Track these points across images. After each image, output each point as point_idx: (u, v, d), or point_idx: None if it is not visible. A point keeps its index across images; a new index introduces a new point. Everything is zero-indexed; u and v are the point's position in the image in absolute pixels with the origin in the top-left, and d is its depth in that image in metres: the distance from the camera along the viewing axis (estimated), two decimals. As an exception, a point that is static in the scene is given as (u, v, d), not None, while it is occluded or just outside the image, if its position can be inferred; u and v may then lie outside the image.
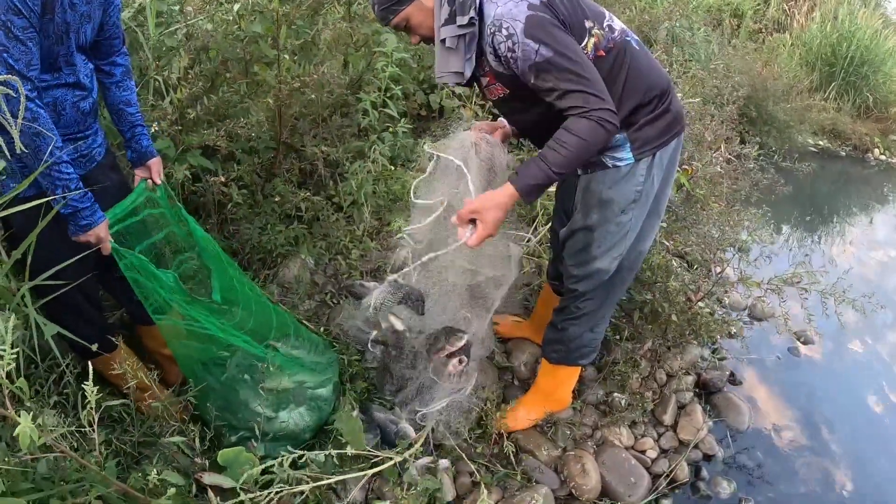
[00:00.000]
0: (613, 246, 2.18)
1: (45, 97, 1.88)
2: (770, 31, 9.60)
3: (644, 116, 2.04)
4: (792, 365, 3.59)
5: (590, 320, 2.36)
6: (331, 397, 2.47)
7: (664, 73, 2.13)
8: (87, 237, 1.97)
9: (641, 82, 2.03)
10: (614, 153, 2.06)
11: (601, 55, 1.96)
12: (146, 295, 2.11)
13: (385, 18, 2.03)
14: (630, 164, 2.06)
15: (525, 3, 1.86)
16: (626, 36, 2.04)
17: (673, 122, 2.09)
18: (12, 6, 1.67)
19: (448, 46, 1.98)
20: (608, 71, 1.97)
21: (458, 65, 1.99)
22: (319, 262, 3.24)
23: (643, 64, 2.05)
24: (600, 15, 2.01)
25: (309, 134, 3.25)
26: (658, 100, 2.05)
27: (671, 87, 2.13)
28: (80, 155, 2.10)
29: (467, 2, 1.90)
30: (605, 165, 2.08)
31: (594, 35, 1.95)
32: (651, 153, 2.06)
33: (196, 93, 2.72)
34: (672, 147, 2.11)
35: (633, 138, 2.04)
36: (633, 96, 2.02)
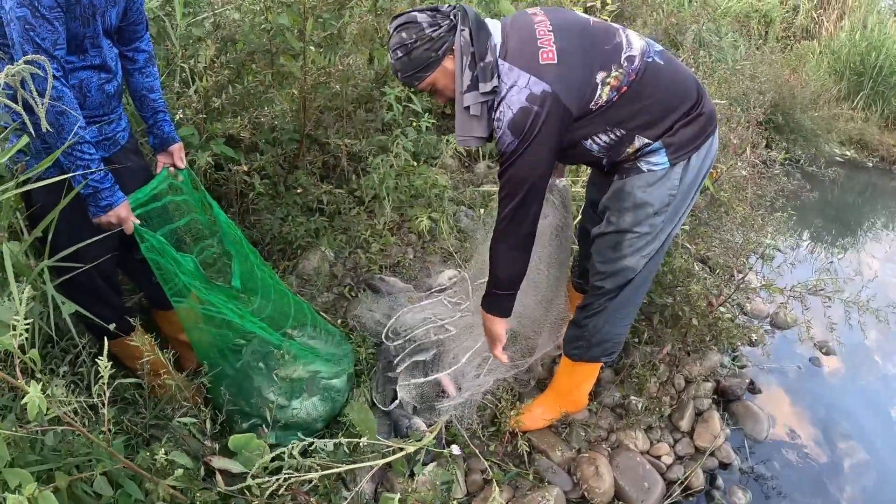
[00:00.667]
0: (644, 246, 2.18)
1: (70, 79, 1.90)
2: (798, 38, 9.50)
3: (677, 124, 2.03)
4: (813, 375, 3.53)
5: (613, 316, 2.34)
6: (345, 388, 2.47)
7: (691, 77, 2.11)
8: (108, 218, 1.99)
9: (672, 97, 2.03)
10: (649, 158, 2.06)
11: (624, 91, 1.97)
12: (166, 278, 2.12)
13: (411, 84, 2.04)
14: (665, 168, 2.05)
15: (525, 93, 1.89)
16: (646, 57, 2.01)
17: (706, 123, 2.08)
18: None
19: (473, 114, 1.99)
20: (635, 101, 1.99)
21: (482, 130, 2.02)
22: (339, 254, 3.24)
23: (672, 79, 2.04)
24: (616, 51, 1.98)
25: (333, 127, 3.25)
26: (691, 107, 2.05)
27: (700, 88, 2.11)
28: (105, 138, 2.12)
29: (488, 68, 1.93)
30: (641, 170, 2.08)
31: (609, 82, 1.96)
32: (686, 157, 2.06)
33: (221, 82, 2.73)
34: (705, 148, 2.10)
35: (667, 143, 2.03)
36: (666, 113, 2.02)
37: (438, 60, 1.96)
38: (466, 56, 1.94)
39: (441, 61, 1.96)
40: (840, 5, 10.23)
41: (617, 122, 2.01)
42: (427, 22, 1.94)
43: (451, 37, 1.96)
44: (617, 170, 2.14)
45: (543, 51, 1.91)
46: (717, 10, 7.39)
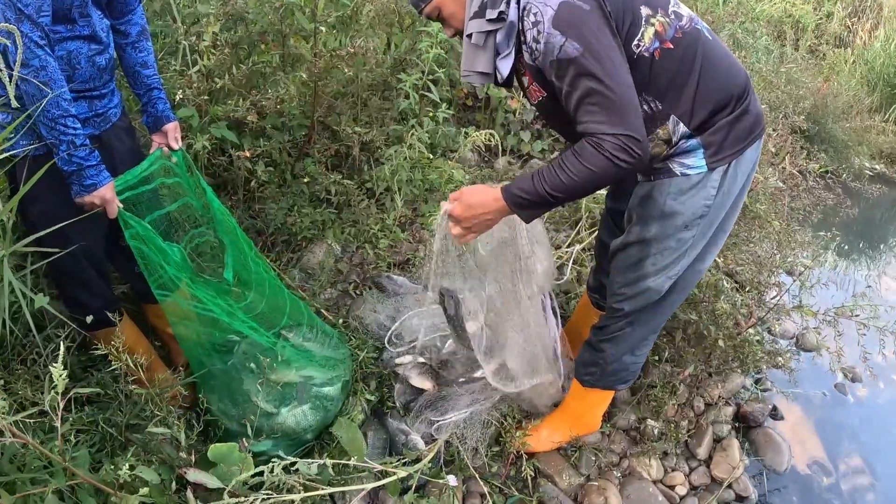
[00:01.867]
0: (669, 264, 1.94)
1: (58, 50, 1.80)
2: (831, 46, 9.31)
3: (721, 119, 1.78)
4: (838, 403, 3.33)
5: (631, 342, 2.14)
6: (338, 397, 2.31)
7: (742, 67, 1.86)
8: (92, 198, 1.87)
9: (719, 79, 1.77)
10: (684, 159, 1.80)
11: (668, 47, 1.71)
12: (150, 269, 1.98)
13: (417, 5, 1.84)
14: (702, 173, 1.80)
15: None
16: (695, 24, 1.77)
17: (754, 124, 1.83)
18: None
19: (474, 43, 1.76)
20: (678, 67, 1.72)
21: (486, 64, 1.78)
22: (346, 249, 3.08)
23: (719, 57, 1.78)
24: (664, 1, 1.75)
25: (346, 114, 3.08)
26: (737, 100, 1.79)
27: (750, 83, 1.85)
28: (95, 114, 2.00)
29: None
30: (673, 173, 1.82)
31: (654, 24, 1.69)
32: (727, 161, 1.80)
33: (225, 62, 2.56)
34: (749, 155, 1.85)
35: (707, 142, 1.78)
36: (709, 96, 1.76)
37: None
38: None
39: None
40: (875, 14, 10.03)
41: (654, 92, 1.73)
42: None
43: None
44: (644, 171, 1.88)
45: None
46: (752, 12, 7.18)
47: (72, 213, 1.89)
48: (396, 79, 3.18)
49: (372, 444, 2.26)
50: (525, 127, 3.92)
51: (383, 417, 2.39)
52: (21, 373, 1.98)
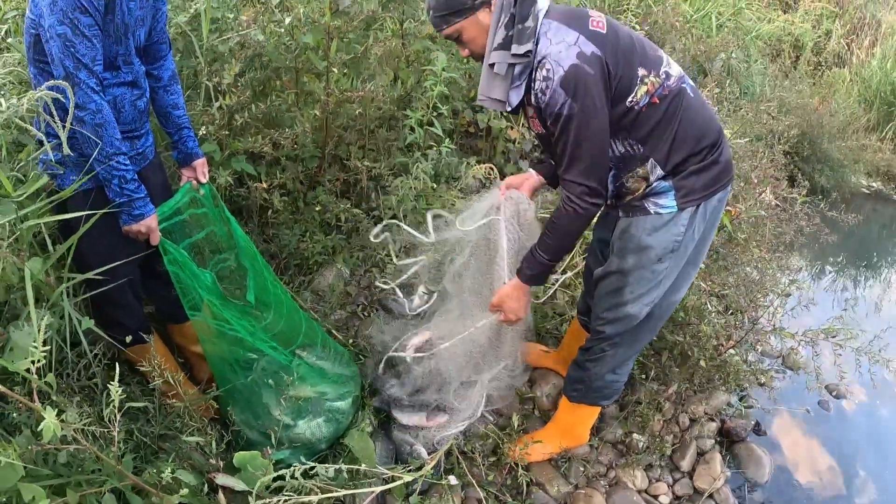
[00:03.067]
0: (646, 293, 2.17)
1: (105, 95, 1.96)
2: (829, 64, 9.40)
3: (692, 165, 2.03)
4: (821, 419, 3.50)
5: (613, 363, 2.36)
6: (349, 410, 2.51)
7: (716, 121, 2.12)
8: (139, 227, 2.07)
9: (694, 131, 2.02)
10: (658, 199, 2.06)
11: (654, 102, 1.97)
12: (184, 290, 2.19)
13: (438, 26, 2.01)
14: (672, 212, 2.05)
15: (576, 50, 1.86)
16: (682, 83, 2.03)
17: (721, 172, 2.08)
18: (79, 5, 1.78)
19: (496, 73, 1.98)
20: (660, 118, 1.99)
21: (502, 93, 2.00)
22: (354, 272, 3.27)
23: (697, 112, 2.04)
24: (657, 61, 2.00)
25: (355, 145, 3.29)
26: (708, 150, 2.04)
27: (722, 136, 2.11)
28: (137, 153, 2.20)
29: (526, 32, 1.90)
30: (648, 211, 2.07)
31: (647, 83, 1.95)
32: (695, 203, 2.05)
33: (244, 101, 2.78)
34: (717, 198, 2.10)
35: (678, 186, 2.03)
36: (683, 145, 2.01)
37: (473, 9, 1.94)
38: (506, 14, 1.92)
39: (476, 11, 1.95)
40: (873, 31, 10.09)
41: (637, 137, 2.00)
42: None
43: None
44: (623, 207, 2.13)
45: (593, 20, 1.92)
46: (749, 34, 7.32)
47: (116, 242, 2.10)
48: (403, 114, 3.39)
49: (379, 453, 2.46)
50: (524, 156, 4.13)
51: (389, 429, 2.59)
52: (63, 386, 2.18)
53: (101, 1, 1.83)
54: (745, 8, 7.94)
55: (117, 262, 2.10)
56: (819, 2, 10.42)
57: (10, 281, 1.79)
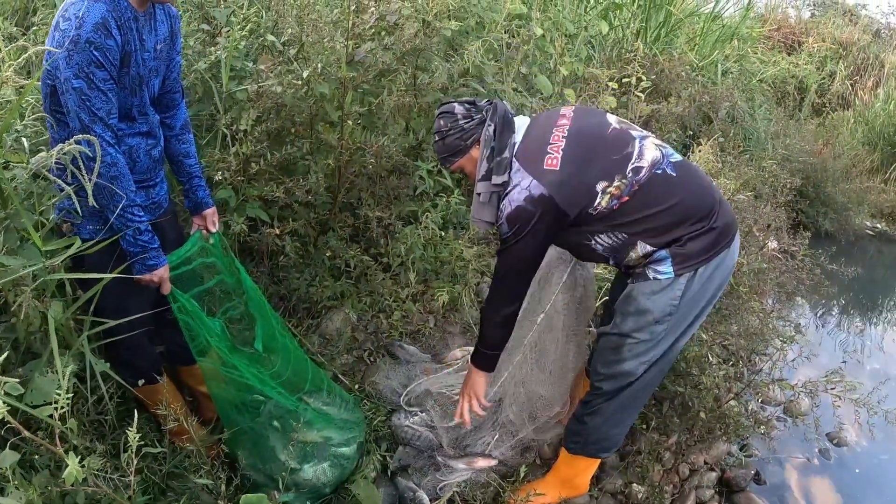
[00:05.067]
0: (643, 352, 2.24)
1: (121, 145, 2.02)
2: (833, 106, 9.47)
3: (687, 235, 2.12)
4: (822, 468, 3.50)
5: (610, 417, 2.40)
6: (354, 456, 2.55)
7: (709, 191, 2.20)
8: (151, 277, 2.12)
9: (682, 209, 2.12)
10: (657, 266, 2.15)
11: (625, 200, 2.10)
12: (193, 337, 2.25)
13: (444, 165, 2.34)
14: (670, 278, 2.13)
15: (525, 193, 2.08)
16: (656, 169, 2.12)
17: (718, 237, 2.15)
18: (94, 59, 1.82)
19: (482, 201, 2.21)
20: (638, 208, 2.12)
21: (491, 216, 2.24)
22: (362, 318, 3.33)
23: (682, 191, 2.13)
24: (623, 161, 2.11)
25: (366, 192, 3.37)
26: (702, 220, 2.12)
27: (717, 204, 2.17)
28: (152, 202, 2.25)
29: (503, 163, 2.15)
30: (647, 277, 2.16)
31: (611, 191, 2.09)
32: (692, 269, 2.13)
33: (261, 149, 2.86)
34: (716, 262, 2.16)
35: (674, 254, 2.12)
36: (670, 224, 2.12)
37: (466, 149, 2.24)
38: (487, 148, 2.17)
39: (469, 150, 2.24)
40: (876, 72, 10.17)
41: (618, 227, 2.14)
42: (462, 114, 2.22)
43: (480, 129, 2.19)
44: (630, 274, 2.24)
45: (549, 157, 2.09)
46: (754, 78, 7.42)
47: (131, 289, 2.14)
48: (414, 164, 3.48)
49: (382, 499, 2.49)
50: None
51: (394, 476, 2.63)
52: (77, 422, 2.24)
53: (117, 54, 1.87)
54: (749, 52, 8.04)
55: (131, 309, 2.14)
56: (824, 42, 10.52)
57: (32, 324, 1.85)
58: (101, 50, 1.82)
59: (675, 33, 6.74)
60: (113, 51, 1.86)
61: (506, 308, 2.30)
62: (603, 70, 4.57)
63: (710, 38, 7.28)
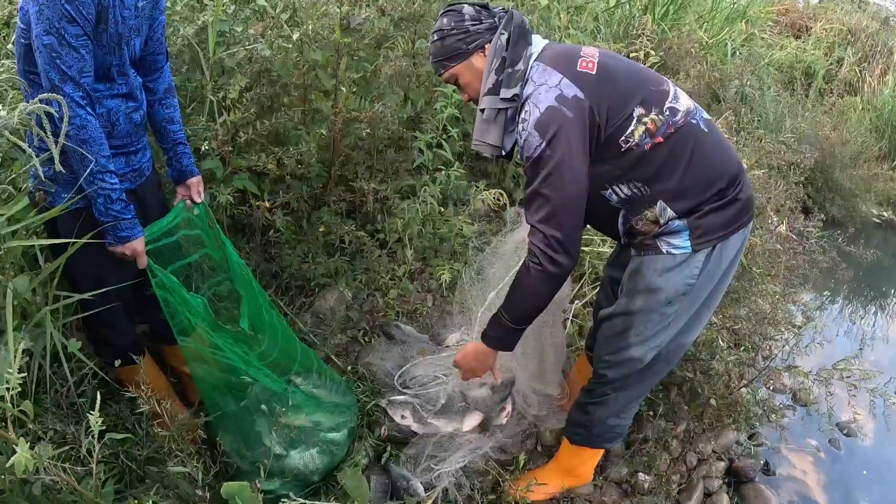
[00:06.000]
0: (652, 336, 2.04)
1: (98, 108, 1.91)
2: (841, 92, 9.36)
3: (709, 205, 1.91)
4: (832, 458, 3.40)
5: (616, 407, 2.24)
6: (344, 442, 2.42)
7: (735, 158, 1.99)
8: (124, 249, 1.99)
9: (708, 170, 1.90)
10: (671, 239, 1.93)
11: (658, 142, 1.86)
12: (173, 314, 2.11)
13: (437, 71, 2.06)
14: (686, 253, 1.92)
15: (555, 93, 1.80)
16: (691, 118, 1.91)
17: (741, 211, 1.95)
18: (66, 14, 1.71)
19: (486, 118, 1.96)
20: (667, 158, 1.87)
21: (496, 137, 1.97)
22: (357, 296, 3.19)
23: (711, 150, 1.92)
24: (661, 96, 1.89)
25: (362, 165, 3.22)
26: (726, 188, 1.92)
27: (741, 172, 1.98)
28: (132, 169, 2.13)
29: (515, 75, 1.88)
30: (659, 251, 1.95)
31: (646, 122, 1.85)
32: (712, 244, 1.92)
33: (249, 117, 2.71)
34: (736, 238, 1.97)
35: (693, 226, 1.90)
36: (696, 185, 1.89)
37: (467, 54, 1.96)
38: (497, 59, 1.91)
39: (469, 56, 1.97)
40: (885, 59, 10.07)
41: (643, 178, 1.89)
42: (470, 15, 1.95)
43: (488, 36, 1.95)
44: (636, 246, 2.01)
45: (584, 61, 1.86)
46: (761, 62, 7.27)
47: (109, 264, 2.03)
48: (412, 135, 3.32)
49: (374, 488, 2.37)
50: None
51: (386, 463, 2.49)
52: (49, 405, 2.10)
53: (92, 9, 1.76)
54: (757, 33, 7.90)
55: (108, 282, 2.04)
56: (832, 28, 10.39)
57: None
58: (73, 4, 1.71)
59: (683, 10, 6.58)
60: (87, 5, 1.74)
61: (558, 261, 1.85)
62: (609, 45, 4.42)
63: (720, 17, 7.13)
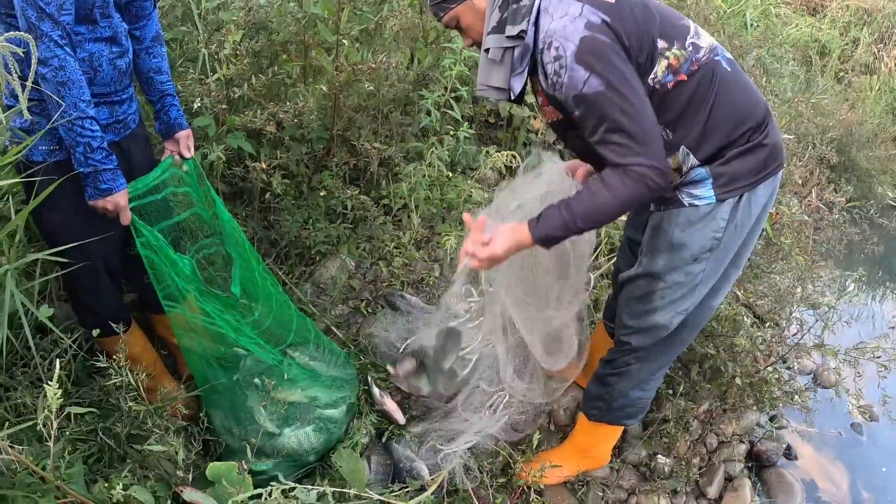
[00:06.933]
0: (678, 299, 1.89)
1: (80, 52, 1.78)
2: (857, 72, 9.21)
3: (734, 150, 1.74)
4: (853, 443, 3.23)
5: (639, 378, 2.08)
6: (343, 419, 2.25)
7: (761, 98, 1.82)
8: (105, 203, 1.84)
9: (733, 111, 1.74)
10: (693, 189, 1.77)
11: (682, 79, 1.69)
12: (159, 278, 1.96)
13: (436, 15, 1.86)
14: (711, 204, 1.76)
15: (583, 21, 1.60)
16: (714, 55, 1.74)
17: (769, 157, 1.78)
18: None
19: (491, 58, 1.77)
20: (690, 98, 1.71)
21: (501, 80, 1.78)
22: (360, 265, 3.03)
23: (736, 88, 1.75)
24: (682, 30, 1.72)
25: (366, 128, 3.04)
26: (752, 131, 1.76)
27: (769, 115, 1.81)
28: (116, 120, 1.98)
29: (521, 11, 1.69)
30: (681, 203, 1.79)
31: (669, 57, 1.68)
32: (738, 193, 1.76)
33: (243, 69, 2.52)
34: (764, 188, 1.80)
35: (717, 174, 1.74)
36: (720, 129, 1.73)
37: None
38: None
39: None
40: (902, 39, 9.87)
41: (665, 121, 1.72)
42: None
43: None
44: (656, 200, 1.83)
45: None
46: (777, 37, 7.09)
47: (91, 222, 1.88)
48: (418, 94, 3.13)
49: (375, 469, 2.21)
50: (548, 147, 3.85)
51: (388, 442, 2.33)
52: (22, 378, 1.94)
53: None
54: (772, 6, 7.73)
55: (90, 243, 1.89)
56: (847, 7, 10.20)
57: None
58: None
59: (702, -25, 6.38)
60: None
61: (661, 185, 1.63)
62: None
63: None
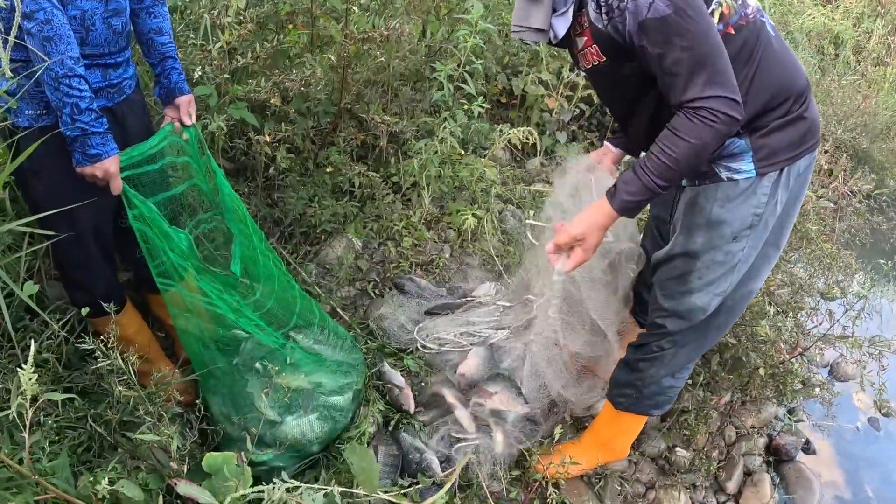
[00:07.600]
0: (717, 280, 1.77)
1: (71, 9, 1.66)
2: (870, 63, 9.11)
3: (774, 121, 1.63)
4: (870, 439, 3.13)
5: (673, 365, 1.96)
6: (348, 407, 2.13)
7: (803, 70, 1.71)
8: (94, 169, 1.71)
9: (775, 77, 1.62)
10: (731, 163, 1.66)
11: (729, 32, 1.57)
12: (153, 254, 1.82)
13: None
14: (751, 178, 1.66)
15: None
16: (760, 16, 1.64)
17: (808, 132, 1.68)
18: None
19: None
20: (736, 54, 1.58)
21: (542, 21, 1.64)
22: (367, 245, 2.91)
23: (779, 55, 1.64)
24: None
25: (376, 104, 2.90)
26: (793, 102, 1.64)
27: (809, 88, 1.71)
28: (109, 84, 1.86)
29: None
30: (719, 177, 1.68)
31: (722, 4, 1.56)
32: (779, 168, 1.65)
33: (246, 35, 2.38)
34: (803, 164, 1.70)
35: (757, 146, 1.64)
36: (762, 93, 1.62)
37: None
38: None
39: None
40: (915, 30, 9.79)
41: None
42: None
43: None
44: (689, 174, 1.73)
45: None
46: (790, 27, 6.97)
47: (79, 188, 1.76)
48: (430, 68, 3.00)
49: (382, 460, 2.09)
50: (562, 128, 3.71)
51: (397, 431, 2.21)
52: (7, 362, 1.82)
53: None
54: (786, -1, 7.63)
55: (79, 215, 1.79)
56: (861, -1, 10.10)
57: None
58: None
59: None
60: None
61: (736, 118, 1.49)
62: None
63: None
